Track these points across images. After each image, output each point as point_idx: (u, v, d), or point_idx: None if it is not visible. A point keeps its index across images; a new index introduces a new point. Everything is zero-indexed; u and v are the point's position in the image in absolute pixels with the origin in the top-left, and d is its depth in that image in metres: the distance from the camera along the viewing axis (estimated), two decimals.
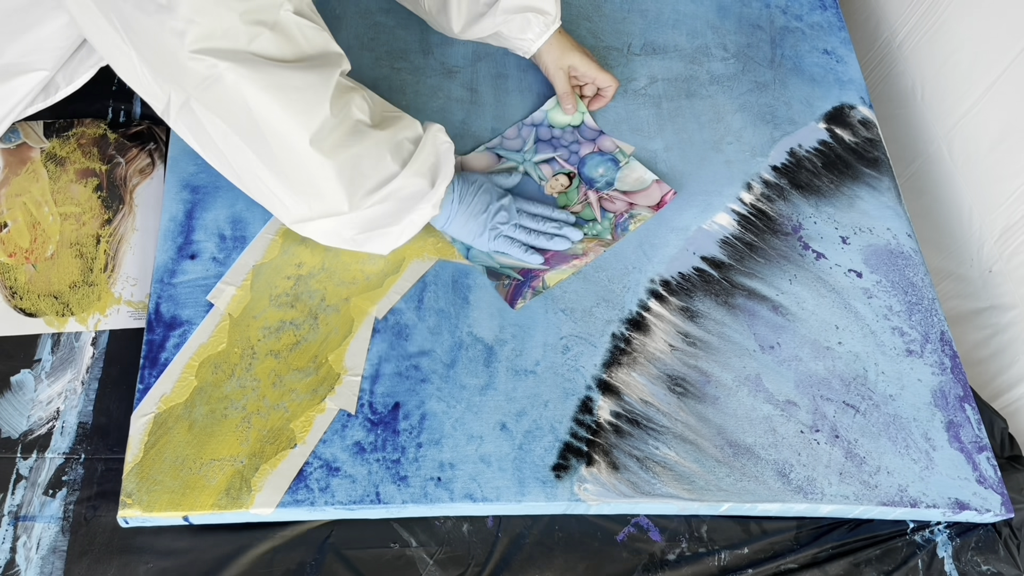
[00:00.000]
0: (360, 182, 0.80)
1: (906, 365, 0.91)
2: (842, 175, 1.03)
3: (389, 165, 0.81)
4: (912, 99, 1.15)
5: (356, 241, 0.85)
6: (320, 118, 0.75)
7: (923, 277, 0.96)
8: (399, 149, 0.82)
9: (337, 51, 0.78)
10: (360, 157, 0.79)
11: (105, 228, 0.95)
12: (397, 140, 0.82)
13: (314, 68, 0.75)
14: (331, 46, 0.78)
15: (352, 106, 0.78)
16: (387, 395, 0.84)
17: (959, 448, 0.87)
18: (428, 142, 0.84)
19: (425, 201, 0.85)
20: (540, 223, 0.93)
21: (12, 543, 0.79)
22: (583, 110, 1.04)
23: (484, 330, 0.89)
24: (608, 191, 0.99)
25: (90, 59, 0.90)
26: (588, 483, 0.81)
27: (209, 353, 0.84)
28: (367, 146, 0.79)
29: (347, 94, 0.78)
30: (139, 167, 0.99)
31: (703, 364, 0.89)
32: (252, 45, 0.71)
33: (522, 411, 0.84)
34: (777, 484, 0.83)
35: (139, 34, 0.70)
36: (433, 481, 0.80)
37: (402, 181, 0.82)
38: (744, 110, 1.07)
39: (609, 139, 1.03)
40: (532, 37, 1.00)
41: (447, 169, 0.86)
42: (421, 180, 0.83)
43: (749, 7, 1.18)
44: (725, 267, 0.95)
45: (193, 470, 0.79)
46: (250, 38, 0.71)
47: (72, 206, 0.96)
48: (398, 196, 0.82)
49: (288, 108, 0.73)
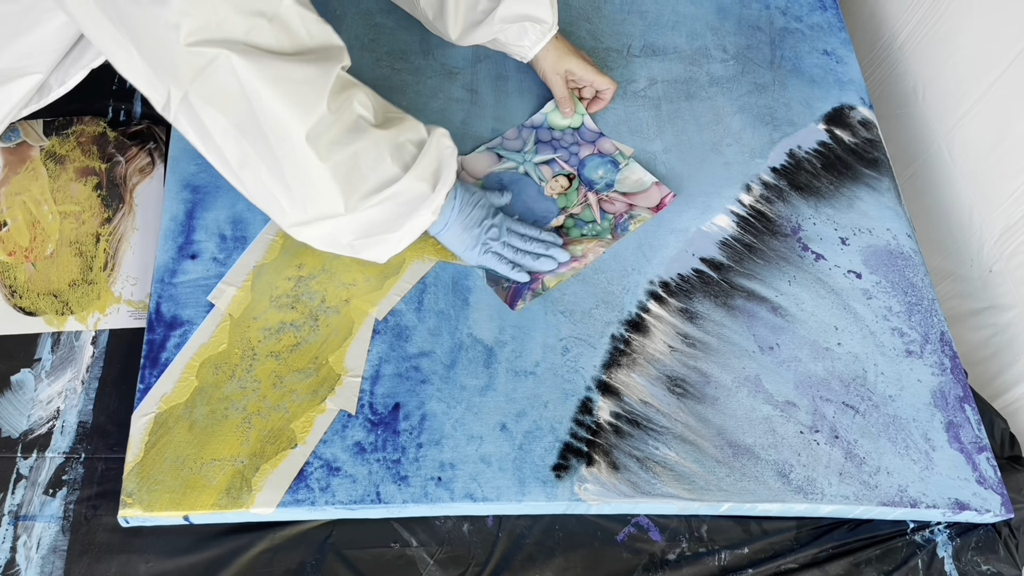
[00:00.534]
0: (358, 183, 0.78)
1: (906, 366, 0.91)
2: (842, 176, 1.03)
3: (390, 167, 0.80)
4: (912, 100, 1.16)
5: (354, 247, 0.83)
6: (318, 113, 0.73)
7: (923, 278, 0.97)
8: (401, 151, 0.81)
9: (339, 45, 0.77)
10: (359, 156, 0.77)
11: (105, 227, 0.95)
12: (399, 141, 0.81)
13: (314, 61, 0.73)
14: (333, 39, 0.76)
15: (354, 101, 0.77)
16: (387, 396, 0.84)
17: (959, 448, 0.87)
18: (432, 146, 0.83)
19: (425, 207, 0.83)
20: (528, 243, 0.92)
21: (12, 542, 0.79)
22: (582, 112, 1.04)
23: (484, 331, 0.89)
24: (608, 192, 0.99)
25: (82, 59, 0.89)
26: (588, 483, 0.81)
27: (210, 353, 0.84)
28: (366, 145, 0.78)
29: (348, 89, 0.77)
30: (139, 166, 0.99)
31: (702, 365, 0.89)
32: (250, 36, 0.70)
33: (522, 412, 0.84)
34: (777, 484, 0.83)
35: (136, 29, 0.70)
36: (433, 481, 0.80)
37: (403, 185, 0.80)
38: (743, 111, 1.07)
39: (609, 141, 1.03)
40: (529, 44, 1.00)
41: (449, 174, 0.84)
42: (423, 184, 0.82)
43: (749, 8, 1.18)
44: (724, 268, 0.95)
45: (194, 470, 0.79)
46: (247, 28, 0.70)
47: (72, 205, 0.96)
48: (398, 200, 0.81)
49: (285, 101, 0.72)
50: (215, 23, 0.69)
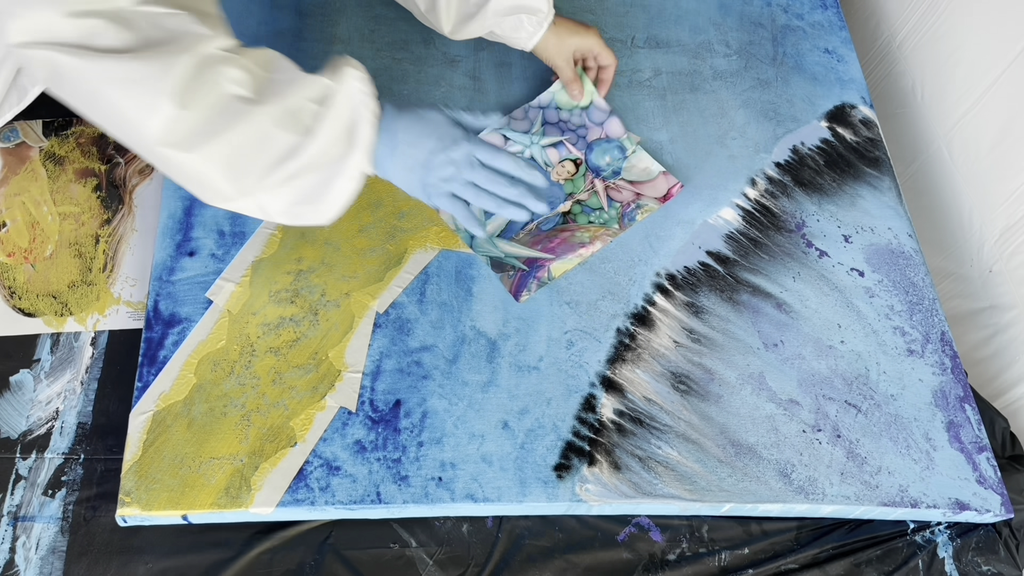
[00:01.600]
0: (245, 166, 0.70)
1: (907, 365, 0.91)
2: (844, 174, 1.03)
3: (283, 139, 0.70)
4: (912, 99, 1.15)
5: (289, 215, 0.75)
6: (164, 112, 0.66)
7: (924, 277, 0.96)
8: (296, 116, 0.71)
9: (198, 32, 0.67)
10: (236, 139, 0.69)
11: (104, 228, 0.94)
12: (290, 107, 0.71)
13: (155, 56, 0.65)
14: (191, 26, 0.67)
15: (222, 82, 0.68)
16: (388, 392, 0.83)
17: (959, 448, 0.87)
18: (340, 98, 0.73)
19: (347, 166, 0.74)
20: (499, 184, 0.80)
21: (11, 543, 0.78)
22: (591, 91, 1.02)
23: (487, 324, 0.88)
24: (615, 180, 0.98)
25: None
26: (590, 483, 0.80)
27: (208, 350, 0.83)
28: (244, 126, 0.69)
29: (213, 70, 0.67)
30: (138, 167, 0.99)
31: (707, 361, 0.88)
32: (85, 37, 0.63)
33: (524, 409, 0.83)
34: (779, 484, 0.82)
35: None
36: (434, 481, 0.79)
37: (309, 153, 0.71)
38: (747, 106, 1.07)
39: (618, 122, 1.01)
40: (526, 36, 0.97)
41: (365, 128, 0.74)
42: (334, 147, 0.73)
43: (750, 5, 1.17)
44: (730, 263, 0.95)
45: (192, 468, 0.78)
46: (81, 30, 0.63)
47: (71, 206, 0.95)
48: (310, 169, 0.72)
49: (129, 102, 0.66)
50: (44, 26, 0.63)
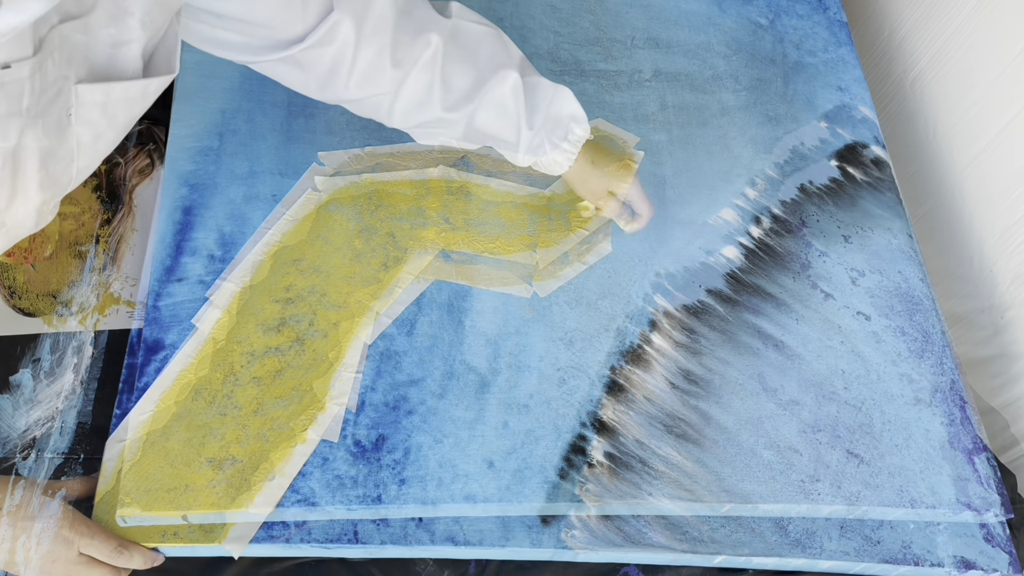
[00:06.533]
0: None
1: (913, 414, 0.87)
2: (852, 213, 1.00)
3: None
4: (925, 138, 1.13)
5: None
6: None
7: (935, 323, 0.93)
8: None
9: None
10: None
11: (104, 228, 0.94)
12: None
13: None
14: None
15: None
16: (372, 427, 0.81)
17: (966, 504, 0.83)
18: None
19: None
20: None
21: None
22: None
23: (478, 359, 0.85)
24: None
25: None
26: (576, 529, 0.77)
27: (190, 378, 0.82)
28: None
29: None
30: (138, 167, 0.99)
31: (703, 405, 0.85)
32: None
33: (511, 449, 0.81)
34: (774, 537, 0.79)
35: None
36: (414, 522, 0.77)
37: None
38: (754, 143, 1.04)
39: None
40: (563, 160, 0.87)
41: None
42: None
43: (762, 41, 1.15)
44: (731, 303, 0.92)
45: (167, 500, 0.76)
46: None
47: (71, 206, 0.95)
48: None
49: None
50: None
